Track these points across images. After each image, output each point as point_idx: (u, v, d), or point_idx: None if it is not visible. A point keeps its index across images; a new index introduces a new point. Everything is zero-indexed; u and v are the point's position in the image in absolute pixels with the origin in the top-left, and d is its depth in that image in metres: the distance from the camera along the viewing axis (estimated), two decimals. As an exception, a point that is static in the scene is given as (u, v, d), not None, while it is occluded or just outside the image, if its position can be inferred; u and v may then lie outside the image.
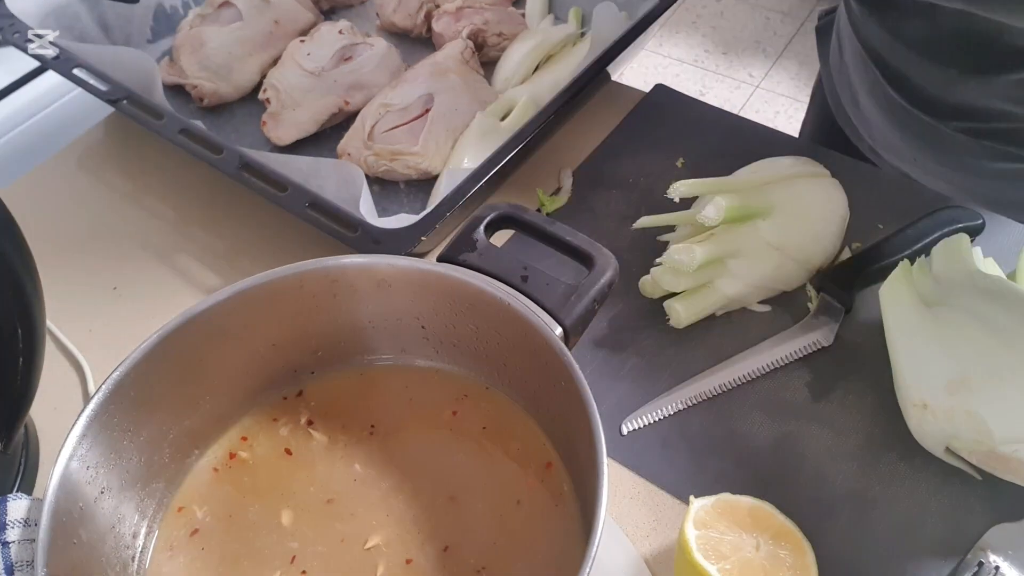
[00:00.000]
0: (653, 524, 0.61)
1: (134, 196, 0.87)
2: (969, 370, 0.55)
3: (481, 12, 0.98)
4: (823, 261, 0.71)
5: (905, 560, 0.58)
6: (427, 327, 0.56)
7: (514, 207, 0.57)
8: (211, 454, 0.55)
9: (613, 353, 0.70)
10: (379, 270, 0.54)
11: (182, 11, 1.03)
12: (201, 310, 0.51)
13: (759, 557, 0.52)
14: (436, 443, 0.56)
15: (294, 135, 0.89)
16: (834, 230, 0.71)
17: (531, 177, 0.84)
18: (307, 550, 0.51)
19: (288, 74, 0.92)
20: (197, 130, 0.79)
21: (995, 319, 0.57)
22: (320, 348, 0.58)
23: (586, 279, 0.53)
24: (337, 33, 0.96)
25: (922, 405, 0.58)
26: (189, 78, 0.94)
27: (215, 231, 0.83)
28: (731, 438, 0.64)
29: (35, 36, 0.86)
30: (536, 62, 0.94)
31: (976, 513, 0.59)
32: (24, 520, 0.49)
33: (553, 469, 0.53)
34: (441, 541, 0.51)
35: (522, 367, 0.53)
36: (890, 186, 0.80)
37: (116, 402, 0.48)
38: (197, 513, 0.53)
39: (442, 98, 0.86)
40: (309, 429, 0.57)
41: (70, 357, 0.73)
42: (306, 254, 0.54)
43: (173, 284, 0.79)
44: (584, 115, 0.89)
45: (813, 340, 0.68)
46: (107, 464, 0.48)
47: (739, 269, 0.68)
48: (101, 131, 0.94)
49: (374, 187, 0.84)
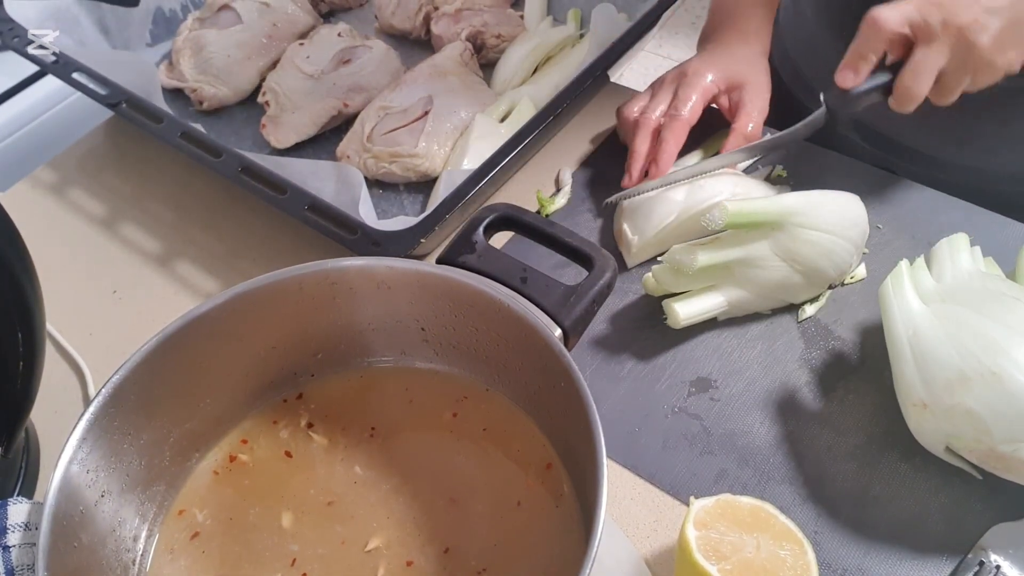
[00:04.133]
0: (653, 524, 0.61)
1: (134, 199, 0.87)
2: (969, 369, 0.55)
3: (480, 14, 0.98)
4: (836, 277, 0.69)
5: (906, 560, 0.58)
6: (427, 329, 0.56)
7: (513, 208, 0.57)
8: (211, 457, 0.55)
9: (613, 354, 0.70)
10: (378, 272, 0.54)
11: (181, 15, 1.03)
12: (201, 313, 0.51)
13: (760, 557, 0.52)
14: (436, 445, 0.56)
15: (293, 138, 0.89)
16: (848, 246, 0.68)
17: (530, 178, 0.84)
18: (307, 552, 0.51)
19: (287, 77, 0.92)
20: (197, 133, 0.79)
21: (995, 318, 0.57)
22: (320, 350, 0.58)
23: (585, 280, 0.53)
24: (336, 36, 0.96)
25: (922, 405, 0.58)
26: (188, 81, 0.94)
27: (215, 234, 0.83)
28: (731, 437, 0.64)
29: (34, 36, 0.86)
30: (535, 64, 0.95)
31: (977, 512, 0.59)
32: (25, 524, 0.49)
33: (553, 470, 0.53)
34: (442, 542, 0.51)
35: (522, 368, 0.53)
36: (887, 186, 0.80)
37: (116, 405, 0.48)
38: (197, 516, 0.53)
39: (441, 100, 0.86)
40: (309, 431, 0.57)
41: (70, 360, 0.73)
42: (305, 256, 0.55)
43: (173, 287, 0.79)
44: (583, 116, 0.89)
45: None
46: (107, 467, 0.48)
47: (744, 277, 0.67)
48: (101, 135, 0.94)
49: (373, 189, 0.84)
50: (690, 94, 0.76)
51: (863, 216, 0.70)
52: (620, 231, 0.76)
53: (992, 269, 0.65)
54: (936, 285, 0.62)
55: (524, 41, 0.95)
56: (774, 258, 0.67)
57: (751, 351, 0.69)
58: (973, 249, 0.65)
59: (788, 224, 0.66)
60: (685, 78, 0.78)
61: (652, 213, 0.73)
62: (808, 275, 0.68)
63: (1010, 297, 0.58)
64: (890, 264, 0.68)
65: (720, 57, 0.79)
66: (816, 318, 0.71)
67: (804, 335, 0.70)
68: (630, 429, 0.65)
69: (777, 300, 0.70)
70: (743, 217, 0.65)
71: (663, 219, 0.72)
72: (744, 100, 0.78)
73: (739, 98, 0.78)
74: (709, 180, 0.73)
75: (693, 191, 0.73)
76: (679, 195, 0.73)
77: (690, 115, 0.76)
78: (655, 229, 0.72)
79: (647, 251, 0.74)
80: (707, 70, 0.78)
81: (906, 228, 0.76)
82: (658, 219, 0.73)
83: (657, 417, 0.66)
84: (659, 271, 0.68)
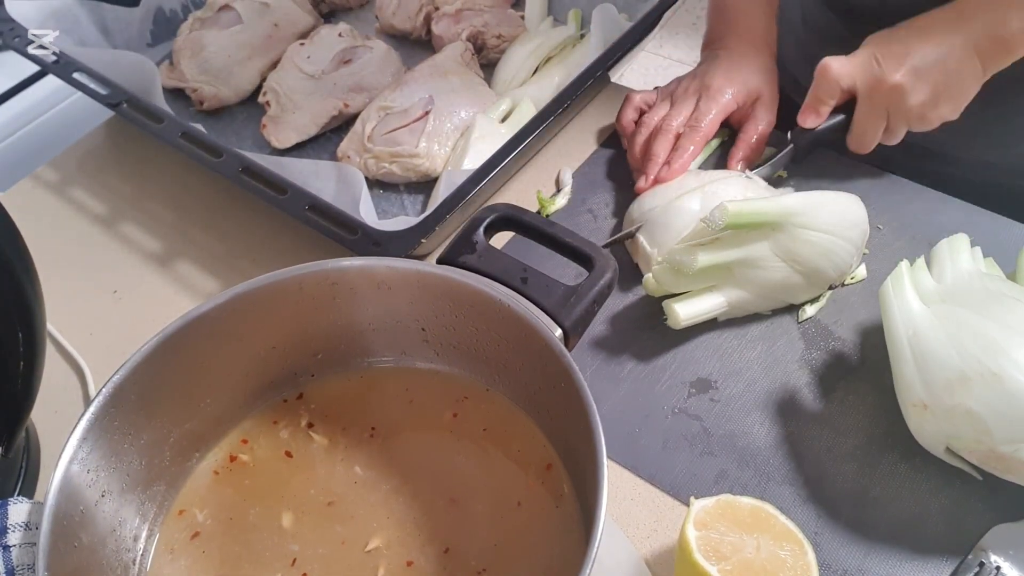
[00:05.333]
0: (653, 525, 0.61)
1: (134, 199, 0.87)
2: (969, 369, 0.55)
3: (480, 14, 0.98)
4: (836, 277, 0.69)
5: (906, 560, 0.58)
6: (427, 329, 0.56)
7: (514, 209, 0.57)
8: (211, 457, 0.55)
9: (613, 354, 0.70)
10: (379, 272, 0.54)
11: (182, 15, 1.04)
12: (201, 313, 0.51)
13: (760, 558, 0.52)
14: (437, 445, 0.56)
15: (294, 138, 0.89)
16: (848, 247, 0.68)
17: (531, 179, 0.84)
18: (308, 552, 0.51)
19: (288, 77, 0.92)
20: (197, 133, 0.79)
21: (995, 319, 0.57)
22: (320, 350, 0.58)
23: (585, 280, 0.53)
24: (337, 36, 0.96)
25: (922, 405, 0.58)
26: (189, 81, 0.94)
27: (215, 234, 0.83)
28: (731, 438, 0.64)
29: (35, 36, 0.86)
30: (536, 64, 0.95)
31: (977, 513, 0.59)
32: (25, 524, 0.49)
33: (553, 470, 0.53)
34: (442, 543, 0.51)
35: (522, 369, 0.53)
36: (886, 187, 0.80)
37: (116, 405, 0.48)
38: (198, 516, 0.53)
39: (442, 100, 0.86)
40: (309, 431, 0.57)
41: (71, 360, 0.74)
42: (306, 257, 0.55)
43: (173, 287, 0.79)
44: (584, 117, 0.89)
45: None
46: (108, 467, 0.48)
47: (744, 277, 0.67)
48: (101, 135, 0.94)
49: (374, 189, 0.84)
50: (712, 108, 0.79)
51: (863, 217, 0.70)
52: (636, 243, 0.74)
53: (992, 270, 0.65)
54: (936, 286, 0.62)
55: (525, 41, 0.95)
56: (774, 259, 0.67)
57: (751, 352, 0.69)
58: (973, 250, 0.65)
59: (788, 225, 0.66)
60: (708, 92, 0.79)
61: (670, 225, 0.72)
62: (808, 276, 0.68)
63: (1010, 298, 0.58)
64: (890, 265, 0.68)
65: (739, 71, 0.80)
66: (816, 319, 0.71)
67: (804, 336, 0.70)
68: (630, 429, 0.65)
69: (777, 301, 0.70)
70: (743, 217, 0.65)
71: (681, 231, 0.71)
72: (756, 113, 0.80)
73: (751, 110, 0.81)
74: (720, 186, 0.73)
75: (707, 199, 0.72)
76: (695, 205, 0.72)
77: (709, 128, 0.79)
78: (675, 241, 0.71)
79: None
80: (728, 86, 0.79)
81: (906, 229, 0.76)
82: (676, 231, 0.71)
83: (657, 418, 0.66)
84: (659, 272, 0.68)
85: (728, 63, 0.81)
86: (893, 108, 0.71)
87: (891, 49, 0.70)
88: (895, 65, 0.69)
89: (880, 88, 0.70)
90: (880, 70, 0.69)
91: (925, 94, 0.69)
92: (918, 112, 0.70)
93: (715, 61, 0.82)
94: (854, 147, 0.75)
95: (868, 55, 0.70)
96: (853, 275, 0.72)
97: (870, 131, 0.73)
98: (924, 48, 0.69)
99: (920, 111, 0.70)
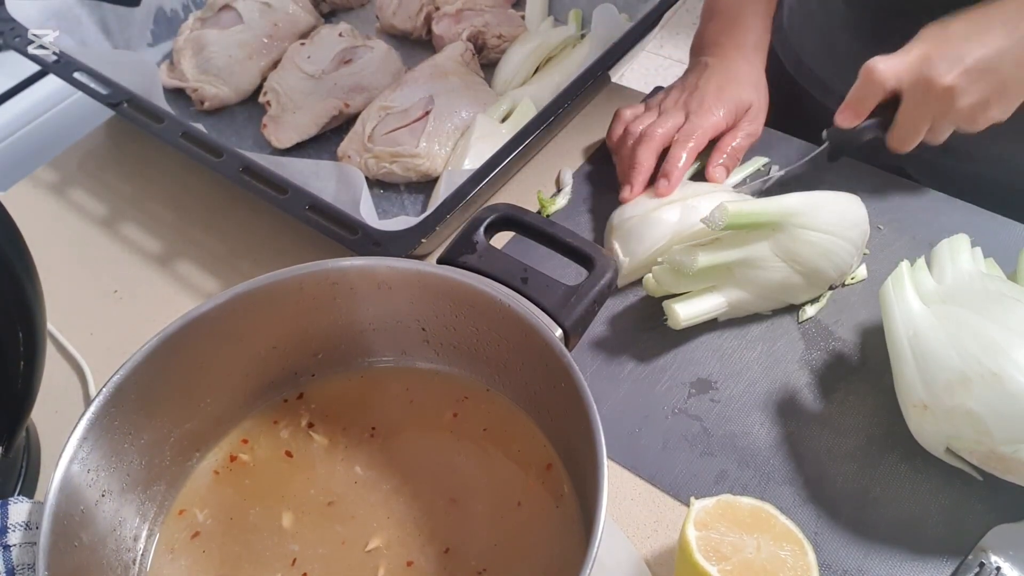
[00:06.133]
0: (654, 525, 0.61)
1: (134, 199, 0.87)
2: (969, 370, 0.55)
3: (481, 14, 0.98)
4: (836, 278, 0.69)
5: (906, 561, 0.58)
6: (427, 329, 0.56)
7: (514, 208, 0.57)
8: (212, 456, 0.55)
9: (613, 355, 0.70)
10: (379, 272, 0.54)
11: (182, 14, 1.04)
12: (201, 313, 0.51)
13: (760, 558, 0.52)
14: (437, 445, 0.56)
15: (294, 138, 0.89)
16: (848, 247, 0.68)
17: (531, 179, 0.84)
18: (308, 552, 0.51)
19: (288, 77, 0.92)
20: (198, 133, 0.79)
21: (995, 319, 0.57)
22: (320, 350, 0.58)
23: (586, 281, 0.53)
24: (337, 36, 0.96)
25: (922, 405, 0.58)
26: (190, 81, 0.94)
27: (215, 234, 0.83)
28: (731, 438, 0.64)
29: (35, 36, 0.87)
30: (536, 64, 0.95)
31: (977, 514, 0.59)
32: (25, 523, 0.49)
33: (553, 470, 0.53)
34: (442, 543, 0.51)
35: (522, 369, 0.53)
36: (887, 185, 0.80)
37: (117, 405, 0.48)
38: (198, 516, 0.53)
39: (442, 100, 0.86)
40: (310, 431, 0.57)
41: (71, 360, 0.74)
42: (306, 256, 0.55)
43: (173, 287, 0.79)
44: (584, 117, 0.89)
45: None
46: (108, 467, 0.48)
47: (744, 278, 0.67)
48: (102, 134, 0.95)
49: (374, 189, 0.84)
50: (702, 124, 0.78)
51: (864, 217, 0.70)
52: (611, 250, 0.74)
53: (993, 270, 0.65)
54: (937, 286, 0.62)
55: (525, 41, 0.95)
56: (774, 259, 0.67)
57: (751, 352, 0.69)
58: (974, 250, 0.65)
59: (788, 225, 0.66)
60: (700, 109, 0.78)
61: (644, 236, 0.72)
62: (808, 276, 0.68)
63: (1011, 298, 0.58)
64: (891, 265, 0.68)
65: (730, 86, 0.79)
66: (817, 319, 0.71)
67: (805, 336, 0.70)
68: (630, 430, 0.65)
69: (778, 301, 0.70)
70: (743, 218, 0.65)
71: (656, 242, 0.71)
72: (740, 124, 0.80)
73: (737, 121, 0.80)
74: (703, 200, 0.73)
75: (687, 212, 0.72)
76: (673, 216, 0.72)
77: (698, 143, 0.77)
78: (647, 252, 0.71)
79: (637, 273, 0.73)
80: (720, 105, 0.78)
81: (907, 229, 0.76)
82: (650, 242, 0.71)
83: (657, 418, 0.66)
84: (659, 272, 0.68)
85: (720, 77, 0.80)
86: (940, 109, 0.67)
87: (946, 50, 0.66)
88: (948, 67, 0.65)
89: (931, 90, 0.66)
90: (932, 72, 0.65)
91: (977, 97, 0.66)
92: (968, 115, 0.67)
93: (705, 72, 0.81)
94: (895, 147, 0.71)
95: (920, 56, 0.67)
96: (853, 275, 0.72)
97: (914, 132, 0.69)
98: (981, 48, 0.65)
99: (970, 113, 0.67)
